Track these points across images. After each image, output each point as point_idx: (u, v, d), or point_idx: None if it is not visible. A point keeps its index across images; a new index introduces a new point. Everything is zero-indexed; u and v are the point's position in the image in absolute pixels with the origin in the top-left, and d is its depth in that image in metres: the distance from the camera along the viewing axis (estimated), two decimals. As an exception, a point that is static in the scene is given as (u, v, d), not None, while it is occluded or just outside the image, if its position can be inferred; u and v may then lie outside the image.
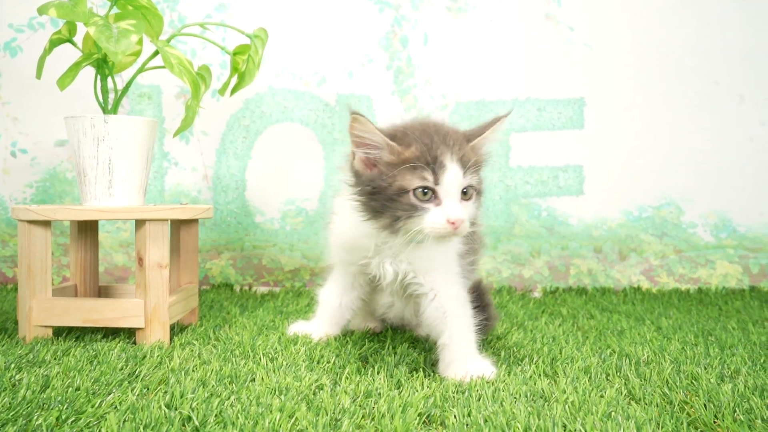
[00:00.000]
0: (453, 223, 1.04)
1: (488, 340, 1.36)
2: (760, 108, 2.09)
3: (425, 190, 1.06)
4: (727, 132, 2.09)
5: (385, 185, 1.07)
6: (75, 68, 1.39)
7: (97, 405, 0.92)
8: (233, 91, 1.57)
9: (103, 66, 1.43)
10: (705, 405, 0.97)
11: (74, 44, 1.45)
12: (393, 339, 1.37)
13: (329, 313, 1.36)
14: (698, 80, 2.08)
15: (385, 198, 1.07)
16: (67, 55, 1.52)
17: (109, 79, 1.46)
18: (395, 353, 1.24)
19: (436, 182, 1.05)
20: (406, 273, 1.19)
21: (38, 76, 1.42)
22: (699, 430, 0.90)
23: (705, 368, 1.16)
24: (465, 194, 1.09)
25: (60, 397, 0.94)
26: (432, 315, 1.18)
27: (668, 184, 2.10)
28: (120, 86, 1.50)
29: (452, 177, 1.06)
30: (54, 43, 1.42)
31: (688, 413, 0.95)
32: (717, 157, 2.09)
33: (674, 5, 2.07)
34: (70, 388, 0.99)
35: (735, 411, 0.94)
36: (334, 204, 1.32)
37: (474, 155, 1.11)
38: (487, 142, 1.15)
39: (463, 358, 1.13)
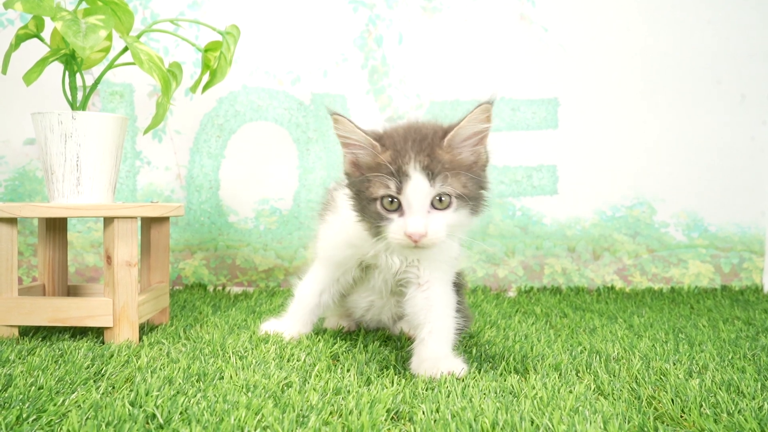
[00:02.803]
0: (410, 236, 1.00)
1: (460, 339, 1.35)
2: (732, 108, 2.11)
3: (392, 200, 1.02)
4: (696, 132, 2.11)
5: (363, 190, 1.05)
6: (42, 64, 1.37)
7: (59, 403, 0.91)
8: (205, 88, 1.55)
9: (72, 62, 1.41)
10: (672, 399, 0.97)
11: (42, 39, 1.43)
12: (365, 338, 1.36)
13: (305, 311, 1.35)
14: (671, 81, 2.10)
15: (362, 204, 1.07)
16: (35, 50, 1.50)
17: (78, 75, 1.43)
18: (366, 351, 1.24)
19: (399, 192, 1.01)
20: (411, 262, 1.17)
21: (3, 71, 1.40)
22: (666, 424, 0.90)
23: (674, 364, 1.17)
24: (441, 202, 1.02)
25: (22, 396, 0.92)
26: (419, 303, 1.16)
27: (640, 183, 2.11)
28: (90, 83, 1.48)
29: (415, 188, 1.00)
30: (20, 39, 1.40)
31: (655, 408, 0.96)
32: (687, 156, 2.11)
33: (645, 6, 2.09)
34: (33, 387, 0.97)
35: (701, 405, 0.94)
36: (336, 196, 1.27)
37: (450, 156, 1.04)
38: (464, 136, 1.06)
39: (437, 356, 1.12)
